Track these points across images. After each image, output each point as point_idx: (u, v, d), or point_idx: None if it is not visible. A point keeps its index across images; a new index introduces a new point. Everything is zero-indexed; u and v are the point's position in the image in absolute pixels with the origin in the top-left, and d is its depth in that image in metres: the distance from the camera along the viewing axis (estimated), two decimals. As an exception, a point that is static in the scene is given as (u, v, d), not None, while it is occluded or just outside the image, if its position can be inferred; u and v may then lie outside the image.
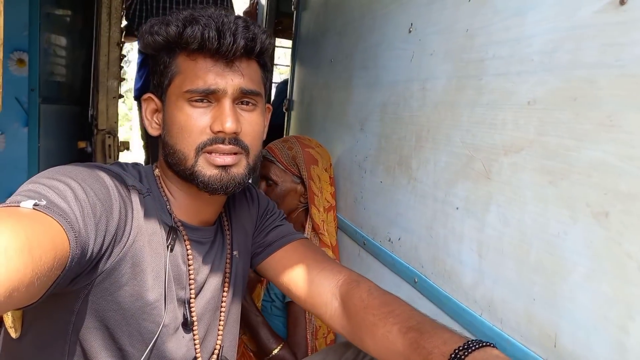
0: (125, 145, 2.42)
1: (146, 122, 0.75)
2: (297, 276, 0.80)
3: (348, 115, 1.26)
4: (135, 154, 4.31)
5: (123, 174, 0.68)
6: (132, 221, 0.64)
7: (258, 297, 1.23)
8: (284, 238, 0.87)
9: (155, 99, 0.73)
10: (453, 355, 0.53)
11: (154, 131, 0.75)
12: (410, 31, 0.95)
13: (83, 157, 2.32)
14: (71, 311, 0.64)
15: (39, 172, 0.59)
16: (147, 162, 3.14)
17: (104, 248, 0.59)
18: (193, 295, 0.75)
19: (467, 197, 0.72)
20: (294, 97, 1.96)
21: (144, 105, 0.75)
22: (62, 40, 2.25)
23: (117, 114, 2.36)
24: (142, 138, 3.23)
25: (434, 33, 0.86)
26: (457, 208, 0.75)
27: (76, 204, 0.53)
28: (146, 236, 0.67)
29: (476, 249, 0.69)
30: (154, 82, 0.73)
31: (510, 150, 0.64)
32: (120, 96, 2.41)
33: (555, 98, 0.57)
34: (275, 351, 1.05)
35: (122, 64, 2.40)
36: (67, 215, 0.50)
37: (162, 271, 0.69)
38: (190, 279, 0.74)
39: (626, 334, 0.47)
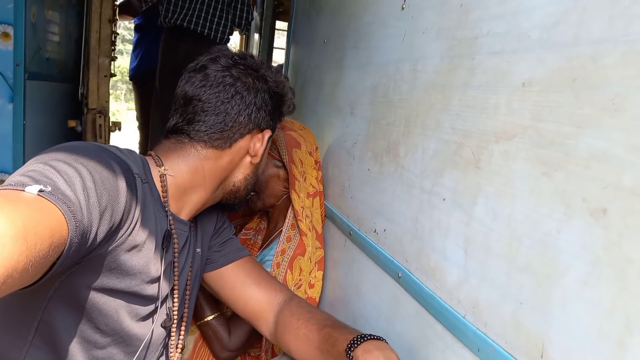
0: (117, 126, 2.36)
1: (263, 150, 0.86)
2: (242, 293, 0.90)
3: (338, 98, 1.19)
4: (126, 135, 4.24)
5: (127, 161, 0.68)
6: (135, 210, 0.66)
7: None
8: (234, 253, 0.94)
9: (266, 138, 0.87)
10: (353, 340, 0.68)
11: (257, 159, 0.86)
12: (403, 7, 0.88)
13: (73, 137, 2.26)
14: (51, 287, 0.64)
15: (24, 150, 0.59)
16: (142, 142, 3.08)
17: (106, 236, 0.59)
18: (176, 283, 0.80)
19: (455, 187, 0.66)
20: (289, 79, 1.88)
21: (261, 137, 0.86)
22: (52, 15, 2.17)
23: (109, 93, 2.30)
24: (138, 119, 3.17)
25: (427, 8, 0.79)
26: (444, 199, 0.69)
27: (82, 193, 0.52)
28: (144, 224, 0.68)
29: (462, 244, 0.63)
30: (273, 123, 0.90)
31: (502, 137, 0.57)
32: (112, 75, 2.34)
33: (554, 79, 0.51)
34: (208, 318, 1.03)
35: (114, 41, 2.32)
36: (71, 203, 0.50)
37: (152, 258, 0.71)
38: (175, 269, 0.79)
39: (623, 349, 0.41)
